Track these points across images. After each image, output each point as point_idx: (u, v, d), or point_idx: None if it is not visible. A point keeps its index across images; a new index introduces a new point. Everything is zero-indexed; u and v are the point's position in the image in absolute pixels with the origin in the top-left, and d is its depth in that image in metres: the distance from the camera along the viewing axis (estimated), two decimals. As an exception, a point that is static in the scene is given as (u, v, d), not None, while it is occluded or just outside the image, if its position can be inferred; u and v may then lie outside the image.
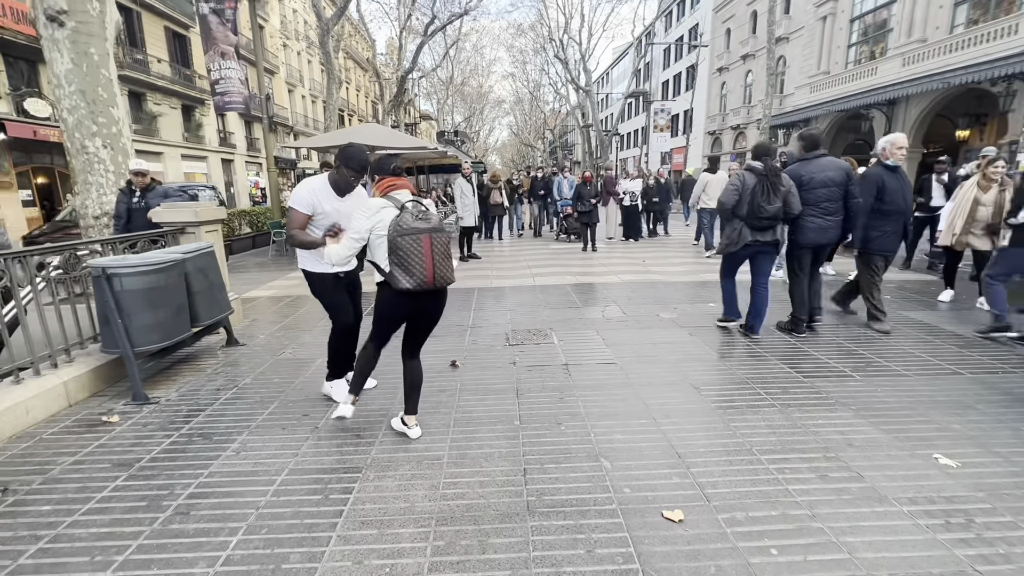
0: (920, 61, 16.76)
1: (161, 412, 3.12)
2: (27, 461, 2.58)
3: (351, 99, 41.12)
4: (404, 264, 2.32)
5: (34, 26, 4.81)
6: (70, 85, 4.81)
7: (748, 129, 28.62)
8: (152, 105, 20.72)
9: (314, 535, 1.97)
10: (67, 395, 3.23)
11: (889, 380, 3.34)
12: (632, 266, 8.17)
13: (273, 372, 3.76)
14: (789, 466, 2.36)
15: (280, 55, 30.64)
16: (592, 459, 2.46)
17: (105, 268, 3.16)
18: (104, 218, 5.03)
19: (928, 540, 1.87)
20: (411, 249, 2.31)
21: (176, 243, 4.37)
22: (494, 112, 57.44)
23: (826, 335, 4.32)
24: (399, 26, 24.93)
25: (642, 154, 29.04)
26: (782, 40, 24.89)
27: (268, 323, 5.18)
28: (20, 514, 2.14)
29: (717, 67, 32.20)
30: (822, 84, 21.70)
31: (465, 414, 2.98)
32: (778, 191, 3.93)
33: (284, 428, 2.87)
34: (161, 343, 3.43)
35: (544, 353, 4.01)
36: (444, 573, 1.77)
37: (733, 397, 3.13)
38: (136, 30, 20.17)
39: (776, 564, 1.77)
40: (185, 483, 2.34)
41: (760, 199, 3.93)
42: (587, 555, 1.83)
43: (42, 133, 15.37)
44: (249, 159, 28.56)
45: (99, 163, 5.01)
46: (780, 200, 3.94)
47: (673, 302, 5.62)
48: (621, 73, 52.21)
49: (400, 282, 2.34)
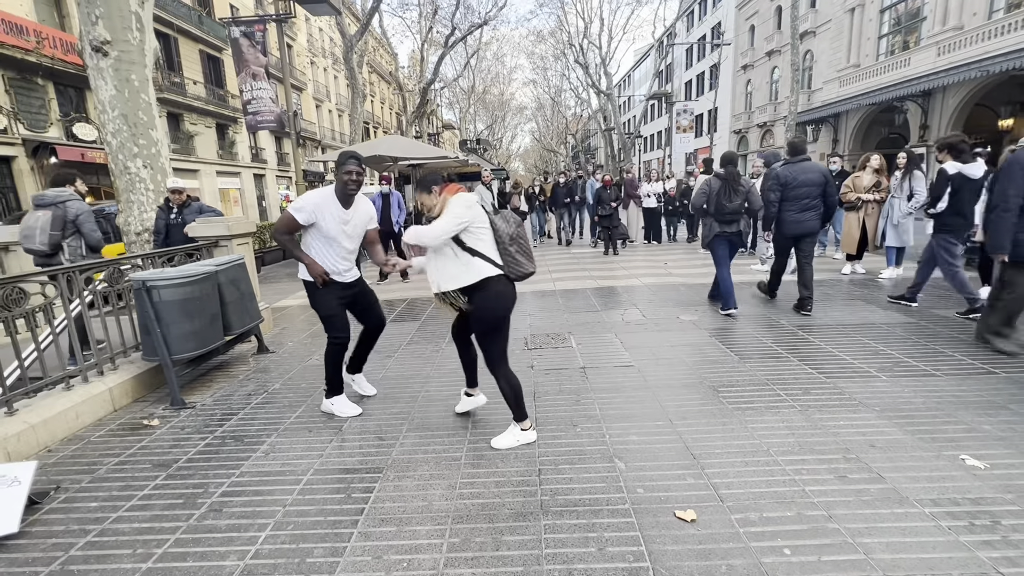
0: (957, 49, 16.12)
1: (197, 416, 3.30)
2: (77, 461, 2.77)
3: (375, 111, 42.12)
4: (525, 251, 2.63)
5: (81, 56, 5.17)
6: (113, 110, 5.15)
7: (775, 126, 28.00)
8: (189, 125, 21.72)
9: (337, 531, 2.06)
10: (112, 400, 3.45)
11: (917, 380, 3.25)
12: (653, 269, 8.11)
13: (301, 378, 3.92)
14: (807, 467, 2.34)
15: (308, 72, 31.69)
16: (606, 460, 2.49)
17: (145, 281, 3.37)
18: (145, 234, 5.33)
19: (950, 542, 1.83)
20: (524, 238, 2.63)
21: (210, 256, 4.60)
22: (516, 119, 57.96)
23: (853, 335, 4.22)
24: (421, 39, 25.46)
25: (665, 156, 28.72)
26: (808, 35, 24.31)
27: (297, 331, 5.38)
28: (71, 510, 2.32)
29: (741, 65, 31.66)
30: (852, 77, 21.08)
31: (483, 417, 3.04)
32: (738, 192, 4.78)
33: (310, 431, 3.00)
34: (197, 351, 3.62)
35: (562, 357, 4.05)
36: (459, 569, 1.83)
37: (752, 398, 3.10)
38: (174, 54, 21.23)
39: (789, 564, 1.77)
40: (218, 482, 2.48)
41: (723, 199, 4.79)
42: (598, 553, 1.87)
43: (89, 156, 16.31)
44: (279, 173, 29.57)
45: (140, 182, 5.33)
46: (740, 199, 4.79)
47: (694, 305, 5.57)
48: (643, 75, 51.87)
49: (525, 266, 2.62)
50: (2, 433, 2.72)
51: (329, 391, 3.21)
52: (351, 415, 3.14)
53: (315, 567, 1.87)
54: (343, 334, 3.11)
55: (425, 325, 5.26)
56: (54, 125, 16.21)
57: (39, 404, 3.06)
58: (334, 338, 3.11)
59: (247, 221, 5.11)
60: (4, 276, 3.36)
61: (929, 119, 17.43)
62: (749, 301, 5.56)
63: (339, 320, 3.10)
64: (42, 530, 2.17)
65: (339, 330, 3.10)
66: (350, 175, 2.86)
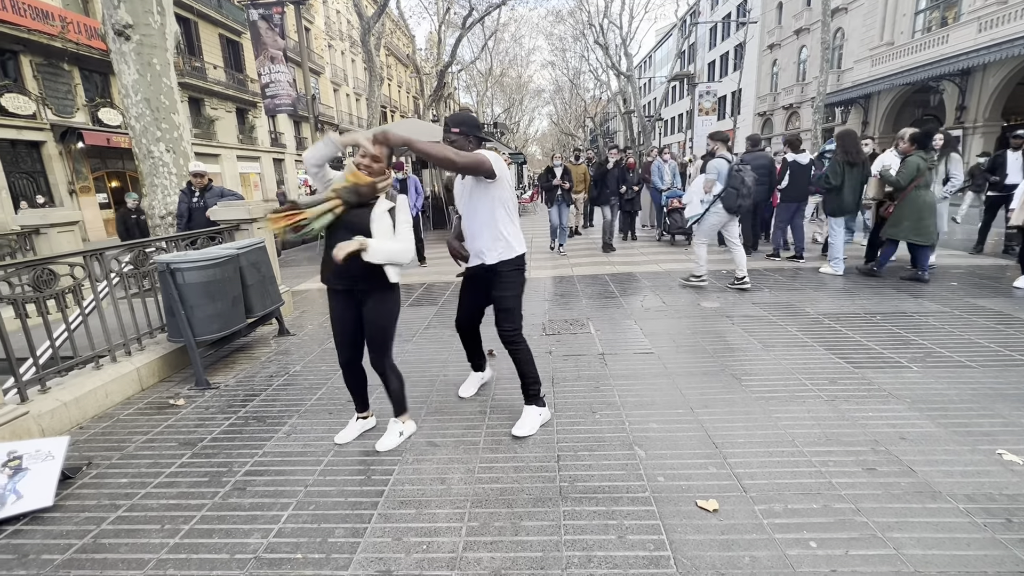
0: (1000, 25, 15.29)
1: (220, 396, 3.37)
2: (107, 439, 2.85)
3: (393, 95, 41.97)
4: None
5: (104, 41, 5.22)
6: (136, 94, 5.20)
7: (802, 108, 27.10)
8: (209, 110, 21.96)
9: (357, 512, 2.09)
10: (140, 380, 3.54)
11: (951, 372, 3.14)
12: (674, 255, 7.97)
13: (320, 360, 3.96)
14: (833, 459, 2.28)
15: (325, 55, 31.64)
16: (626, 447, 2.46)
17: (169, 263, 3.42)
18: (169, 217, 5.42)
19: (986, 539, 1.77)
20: None
21: (232, 239, 4.65)
22: (534, 102, 57.06)
23: (882, 324, 4.09)
24: (438, 20, 25.14)
25: (686, 139, 28.05)
26: (839, 11, 23.30)
27: (317, 314, 5.44)
28: (102, 485, 2.39)
29: (768, 44, 30.60)
30: (885, 56, 20.21)
31: (501, 401, 3.04)
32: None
33: (331, 412, 3.03)
34: (220, 332, 3.69)
35: (581, 343, 4.02)
36: (478, 552, 1.83)
37: (776, 387, 3.03)
38: (194, 38, 21.38)
39: (815, 557, 1.73)
40: (242, 461, 2.52)
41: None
42: (618, 540, 1.85)
43: (114, 140, 16.64)
44: (298, 158, 29.77)
45: (163, 166, 5.40)
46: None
47: (716, 291, 5.46)
48: (664, 56, 50.54)
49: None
50: (36, 410, 2.81)
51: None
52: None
53: (336, 547, 1.89)
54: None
55: (443, 309, 5.27)
56: (80, 110, 16.54)
57: (70, 383, 3.15)
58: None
59: (267, 205, 5.15)
60: (34, 258, 3.45)
61: (967, 99, 16.65)
62: (773, 288, 5.43)
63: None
64: (75, 504, 2.25)
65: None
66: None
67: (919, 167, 5.23)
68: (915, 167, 5.23)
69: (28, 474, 2.26)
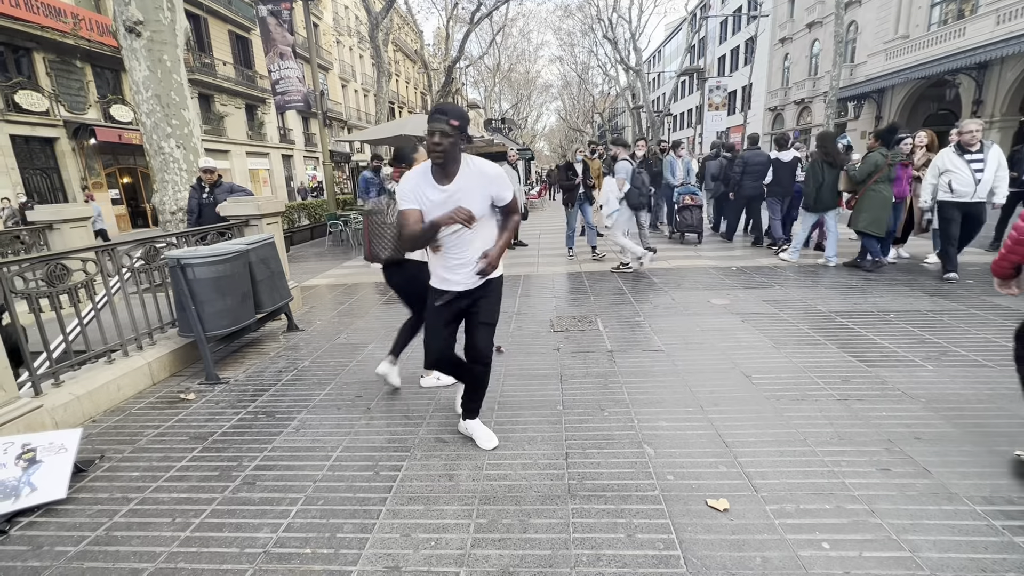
0: (1018, 18, 14.96)
1: (230, 391, 3.39)
2: (119, 432, 2.88)
3: (401, 91, 41.97)
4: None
5: (115, 37, 5.25)
6: (147, 91, 5.23)
7: (814, 103, 26.74)
8: (219, 106, 22.08)
9: (366, 508, 2.09)
10: (151, 374, 3.57)
11: (966, 371, 3.08)
12: (684, 252, 7.91)
13: (329, 356, 3.98)
14: (846, 459, 2.24)
15: (333, 51, 31.69)
16: (635, 445, 2.44)
17: (179, 259, 3.44)
18: (179, 213, 5.46)
19: (1004, 542, 1.74)
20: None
21: (241, 235, 4.68)
22: (542, 97, 56.84)
23: (896, 322, 4.03)
24: (446, 15, 25.08)
25: (696, 134, 27.80)
26: (853, 4, 22.93)
27: (325, 310, 5.46)
28: (115, 478, 2.41)
29: (779, 38, 30.19)
30: (900, 50, 19.86)
31: (509, 398, 3.03)
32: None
33: (339, 408, 3.04)
34: (230, 328, 3.71)
35: (589, 340, 4.00)
36: (486, 549, 1.83)
37: (787, 386, 3.00)
38: (203, 35, 21.49)
39: (828, 558, 1.70)
40: (251, 456, 2.54)
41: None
42: (627, 539, 1.84)
43: (126, 136, 16.80)
44: (307, 154, 29.92)
45: (174, 162, 5.43)
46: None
47: (726, 288, 5.41)
48: (674, 50, 50.05)
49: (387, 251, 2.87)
50: (50, 403, 2.84)
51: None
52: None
53: (345, 542, 1.90)
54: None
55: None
56: (92, 107, 16.70)
57: (83, 376, 3.18)
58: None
59: (276, 201, 5.17)
60: (48, 253, 3.48)
61: (984, 94, 16.33)
62: (785, 285, 5.37)
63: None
64: (88, 496, 2.27)
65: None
66: (432, 138, 2.07)
67: (877, 163, 5.58)
68: (874, 163, 5.60)
69: (42, 466, 2.29)
